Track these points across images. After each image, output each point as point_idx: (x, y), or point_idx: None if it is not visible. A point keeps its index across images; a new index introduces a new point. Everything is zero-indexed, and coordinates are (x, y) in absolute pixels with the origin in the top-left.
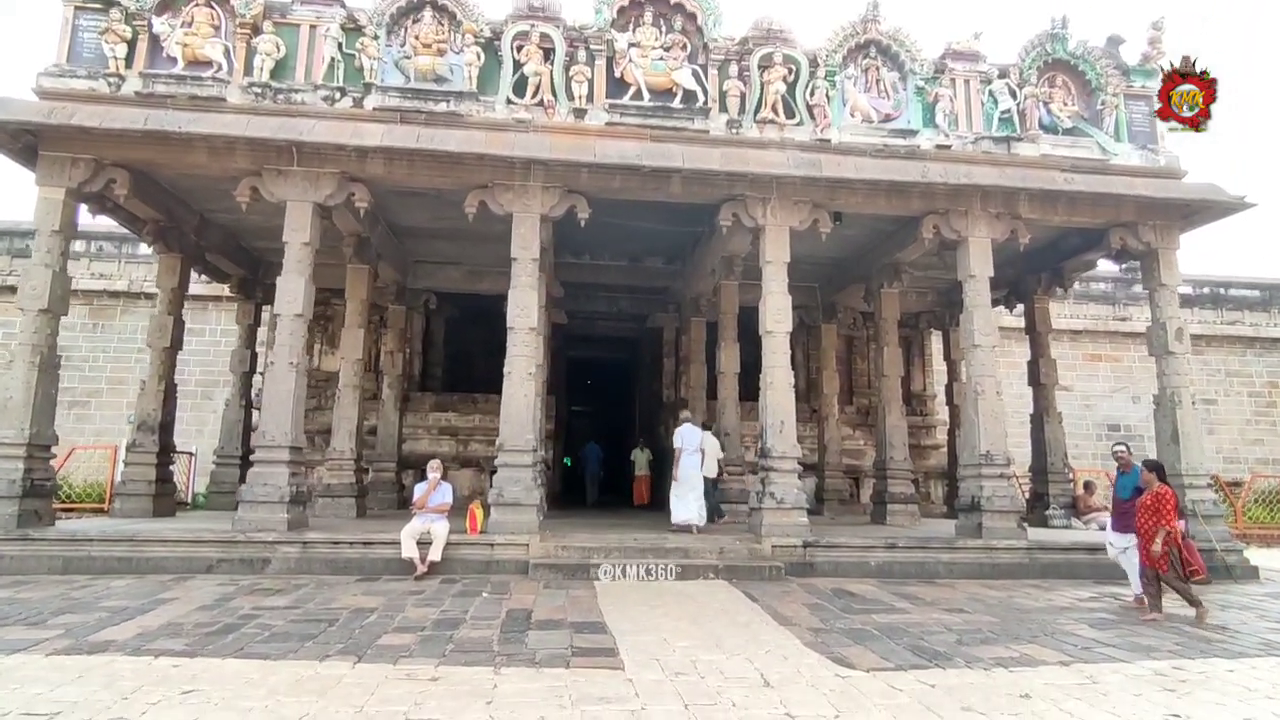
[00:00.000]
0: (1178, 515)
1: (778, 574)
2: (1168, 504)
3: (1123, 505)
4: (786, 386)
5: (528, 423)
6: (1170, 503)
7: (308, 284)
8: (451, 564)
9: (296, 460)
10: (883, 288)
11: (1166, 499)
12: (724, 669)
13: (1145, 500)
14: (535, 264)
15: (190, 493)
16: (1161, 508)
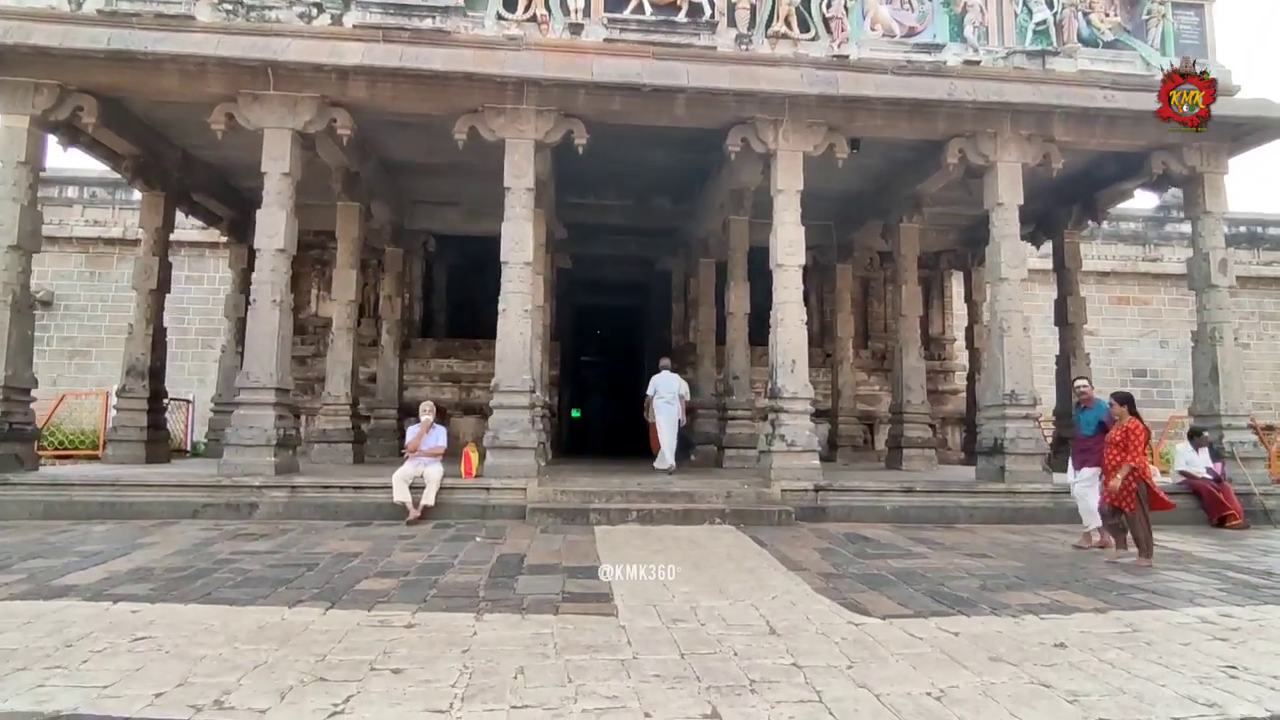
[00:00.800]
0: (1147, 451)
1: (787, 519)
2: (1137, 440)
3: (1084, 441)
4: (798, 323)
5: (524, 362)
6: (1140, 438)
7: (289, 217)
8: (446, 509)
9: (283, 403)
10: (902, 222)
11: (1136, 434)
12: (726, 616)
13: (1114, 435)
14: (530, 194)
15: (189, 441)
16: (1130, 443)
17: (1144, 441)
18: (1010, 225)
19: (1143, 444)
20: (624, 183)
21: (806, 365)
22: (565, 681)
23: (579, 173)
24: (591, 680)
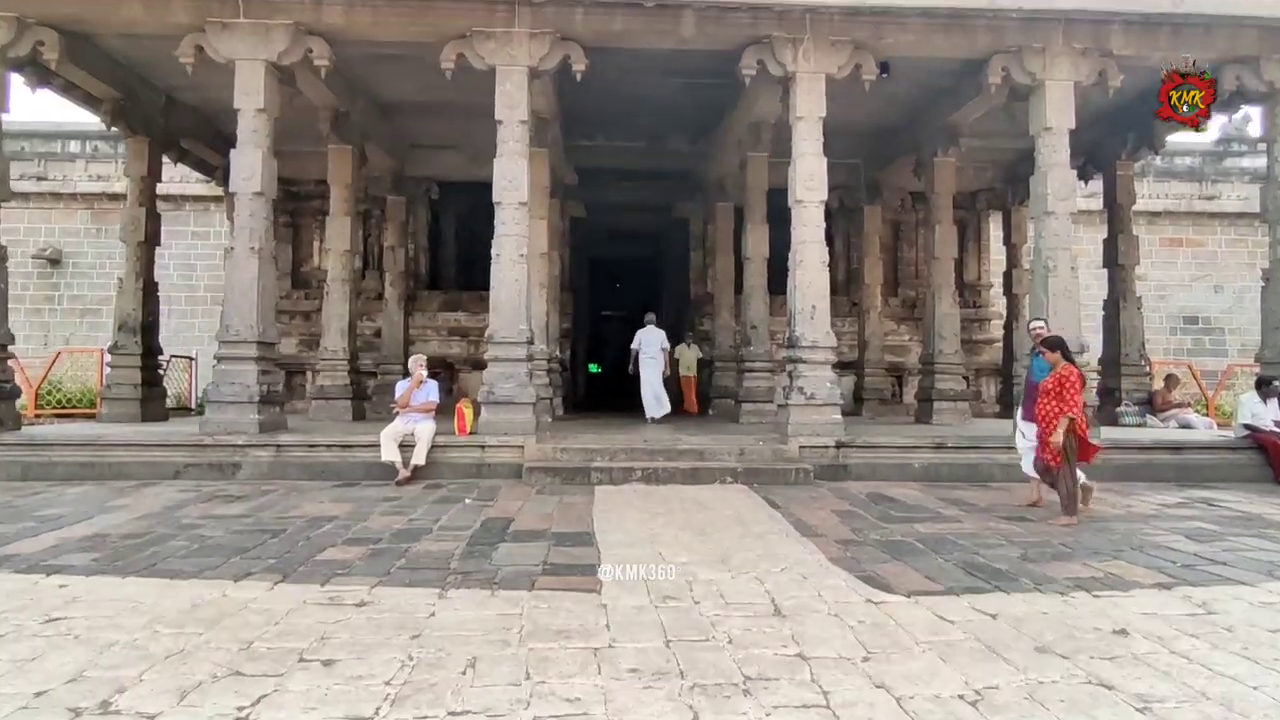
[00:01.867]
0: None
1: (805, 477)
2: (1072, 387)
3: (1036, 390)
4: (819, 265)
5: (519, 311)
6: (1076, 385)
7: (266, 157)
8: (439, 468)
9: (266, 357)
10: (936, 156)
11: (1070, 381)
12: (726, 592)
13: (1047, 383)
14: (524, 127)
15: (194, 399)
16: (1065, 391)
17: (1079, 389)
18: (1059, 152)
19: (1078, 392)
20: (635, 122)
21: (828, 311)
22: (522, 678)
23: (586, 111)
24: (554, 676)
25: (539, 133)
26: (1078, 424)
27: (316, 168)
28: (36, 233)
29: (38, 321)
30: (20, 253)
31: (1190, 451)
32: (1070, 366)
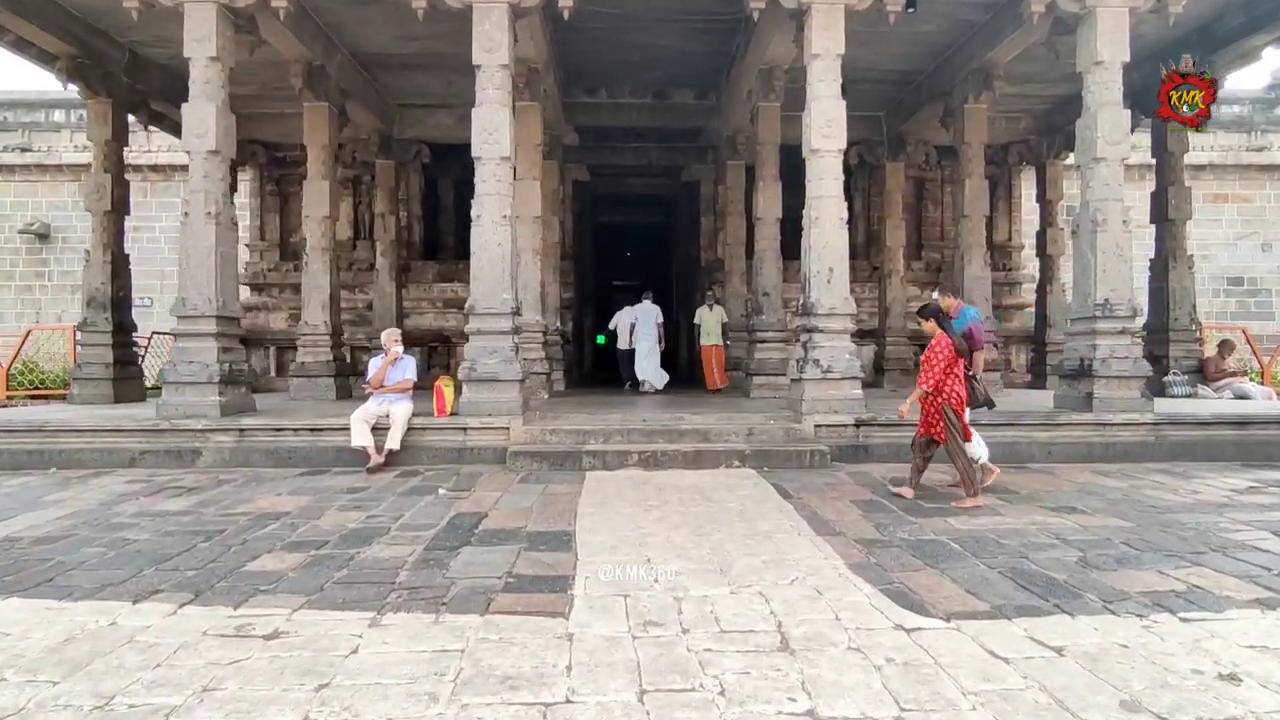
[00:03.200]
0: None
1: (822, 460)
2: (935, 358)
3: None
4: (836, 223)
5: (503, 277)
6: (940, 356)
7: (221, 112)
8: (416, 453)
9: (228, 333)
10: (967, 103)
11: (935, 352)
12: (723, 614)
13: (925, 355)
14: (505, 73)
15: None
16: (928, 362)
17: (941, 360)
18: (1111, 89)
19: (943, 363)
20: (640, 75)
21: (847, 274)
22: None
23: (585, 63)
24: None
25: (530, 84)
26: (945, 398)
27: (303, 131)
28: (23, 206)
29: (28, 299)
30: (8, 227)
31: (1255, 426)
32: (941, 336)
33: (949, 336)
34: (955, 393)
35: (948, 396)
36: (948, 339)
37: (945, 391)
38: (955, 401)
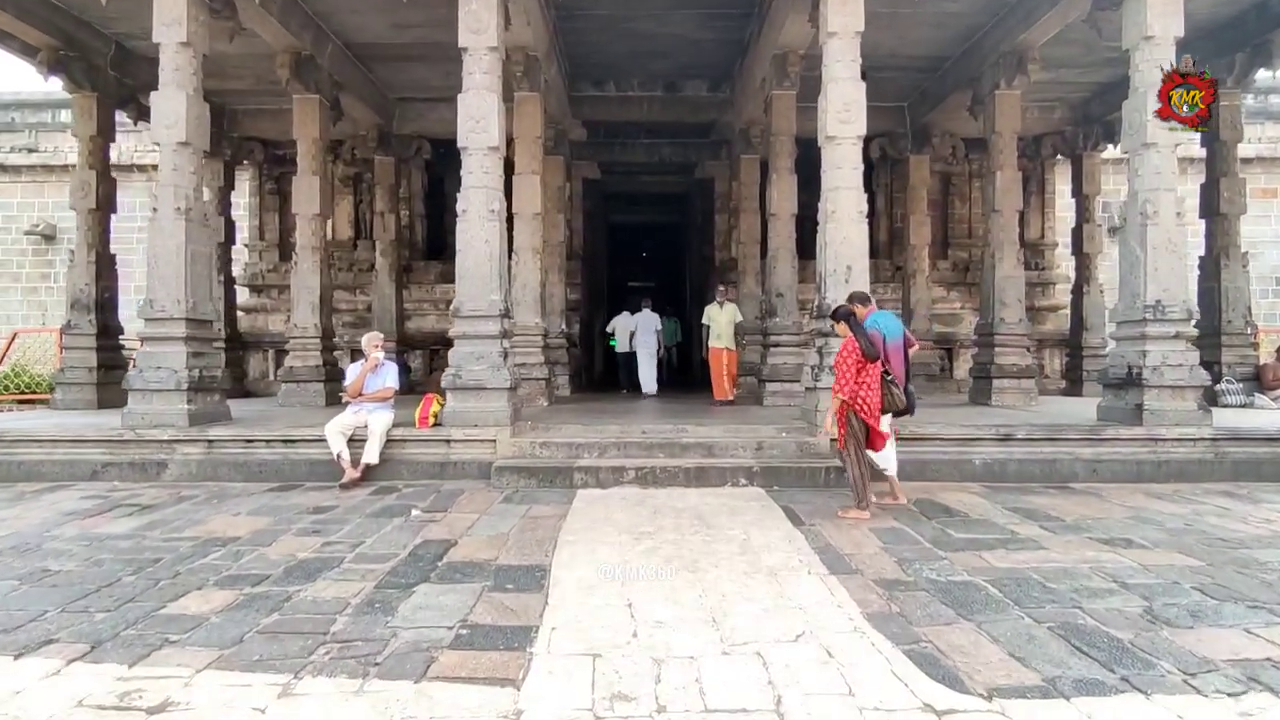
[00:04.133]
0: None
1: (838, 478)
2: (842, 363)
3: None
4: (855, 216)
5: (492, 277)
6: (846, 361)
7: (193, 100)
8: (396, 467)
9: (200, 336)
10: (999, 89)
11: (842, 357)
12: (711, 685)
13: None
14: (495, 56)
15: None
16: (838, 368)
17: (850, 365)
18: (1164, 67)
19: (849, 369)
20: (649, 66)
21: (867, 272)
22: None
23: (591, 53)
24: None
25: (529, 73)
26: (855, 404)
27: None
28: (30, 208)
29: (34, 300)
30: (14, 229)
31: None
32: (847, 339)
33: (856, 340)
34: (863, 399)
35: (855, 402)
36: (853, 342)
37: (854, 397)
38: (862, 407)
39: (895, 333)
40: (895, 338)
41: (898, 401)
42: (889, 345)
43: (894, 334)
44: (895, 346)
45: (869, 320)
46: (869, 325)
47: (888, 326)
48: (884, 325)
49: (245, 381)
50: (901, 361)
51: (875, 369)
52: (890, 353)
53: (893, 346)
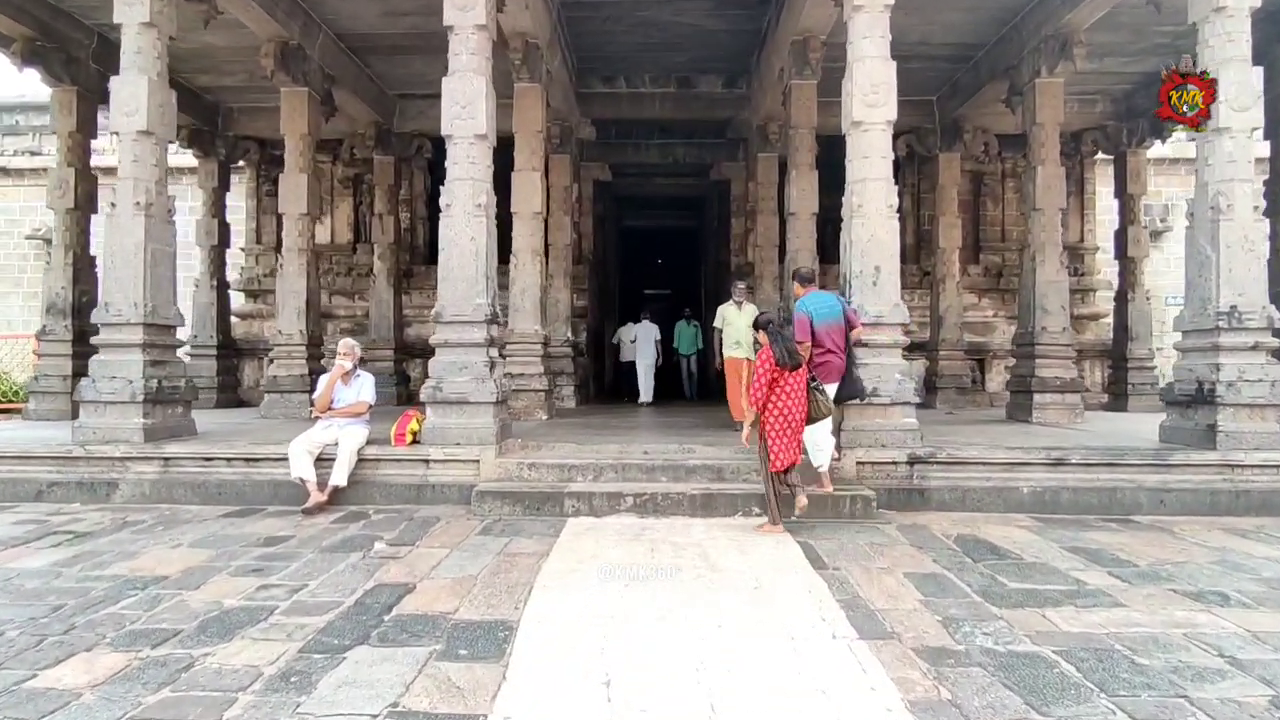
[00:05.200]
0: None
1: (865, 509)
2: (758, 375)
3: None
4: (884, 211)
5: (478, 279)
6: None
7: (155, 86)
8: (368, 489)
9: (160, 342)
10: (1040, 76)
11: (757, 369)
12: None
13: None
14: (483, 35)
15: None
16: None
17: (765, 375)
18: (1236, 43)
19: (764, 378)
20: (661, 60)
21: (897, 274)
22: None
23: (600, 47)
24: None
25: (528, 61)
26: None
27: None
28: (32, 211)
29: (35, 306)
30: (16, 233)
31: None
32: (765, 348)
33: (772, 349)
34: (781, 408)
35: (766, 416)
36: (768, 352)
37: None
38: (775, 420)
39: (826, 314)
40: (826, 319)
41: (824, 409)
42: (818, 328)
43: (824, 315)
44: (827, 329)
45: (799, 303)
46: (797, 309)
47: (816, 309)
48: (811, 307)
49: (239, 390)
50: (840, 344)
51: (796, 377)
52: (821, 335)
53: (823, 329)
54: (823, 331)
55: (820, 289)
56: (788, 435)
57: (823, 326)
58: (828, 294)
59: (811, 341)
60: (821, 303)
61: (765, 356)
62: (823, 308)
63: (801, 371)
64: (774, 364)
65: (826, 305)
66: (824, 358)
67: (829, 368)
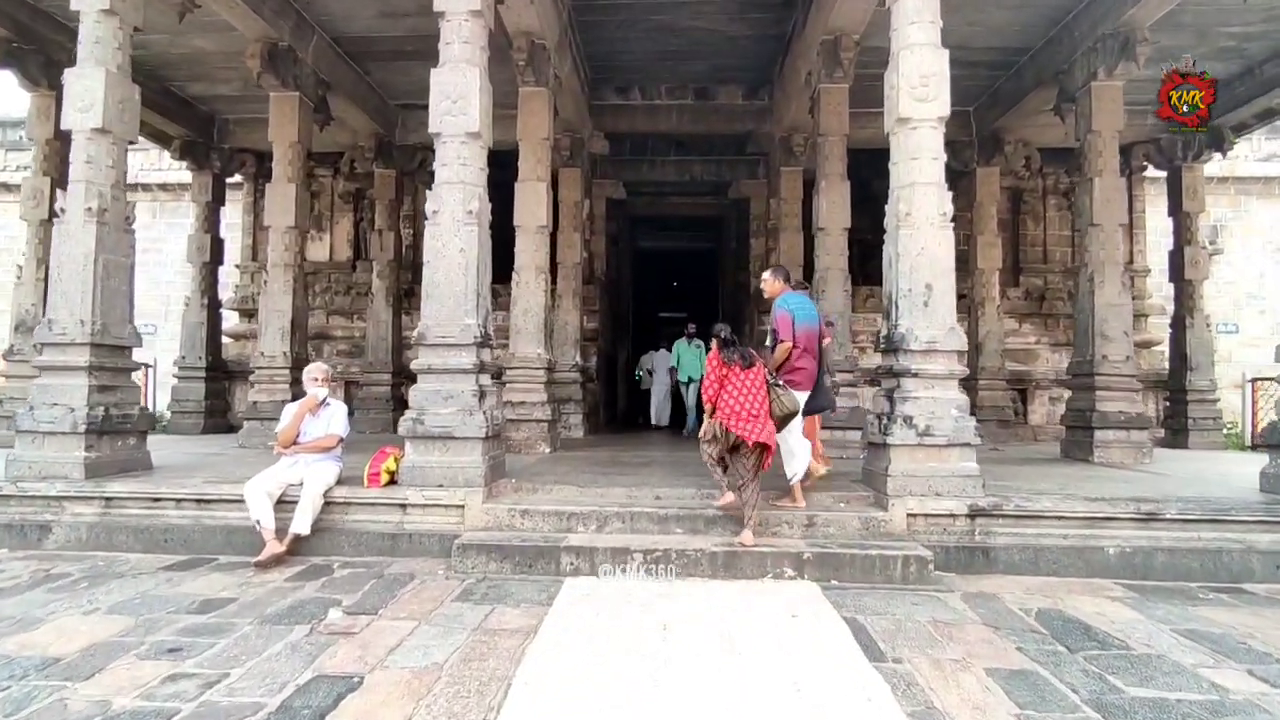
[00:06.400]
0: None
1: (921, 572)
2: (707, 373)
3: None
4: (937, 221)
5: (467, 296)
6: (709, 372)
7: (115, 80)
8: (335, 538)
9: (110, 365)
10: (1096, 79)
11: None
12: None
13: None
14: (478, 23)
15: None
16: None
17: (713, 376)
18: None
19: (713, 378)
20: (678, 69)
21: (952, 293)
22: None
23: (614, 54)
24: None
25: (534, 63)
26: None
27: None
28: None
29: None
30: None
31: None
32: (713, 351)
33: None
34: (731, 400)
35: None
36: (715, 352)
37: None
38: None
39: (807, 316)
40: (806, 321)
41: (786, 407)
42: (799, 329)
43: (805, 317)
44: (807, 331)
45: (781, 300)
46: (777, 306)
47: (799, 308)
48: (794, 305)
49: (229, 414)
50: (815, 350)
51: (750, 373)
52: (800, 336)
53: (803, 331)
54: (803, 334)
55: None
56: (750, 420)
57: (803, 328)
58: (805, 295)
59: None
60: (802, 304)
61: (711, 355)
62: (804, 309)
63: (756, 369)
64: (720, 361)
65: (807, 307)
66: (801, 361)
67: (805, 374)
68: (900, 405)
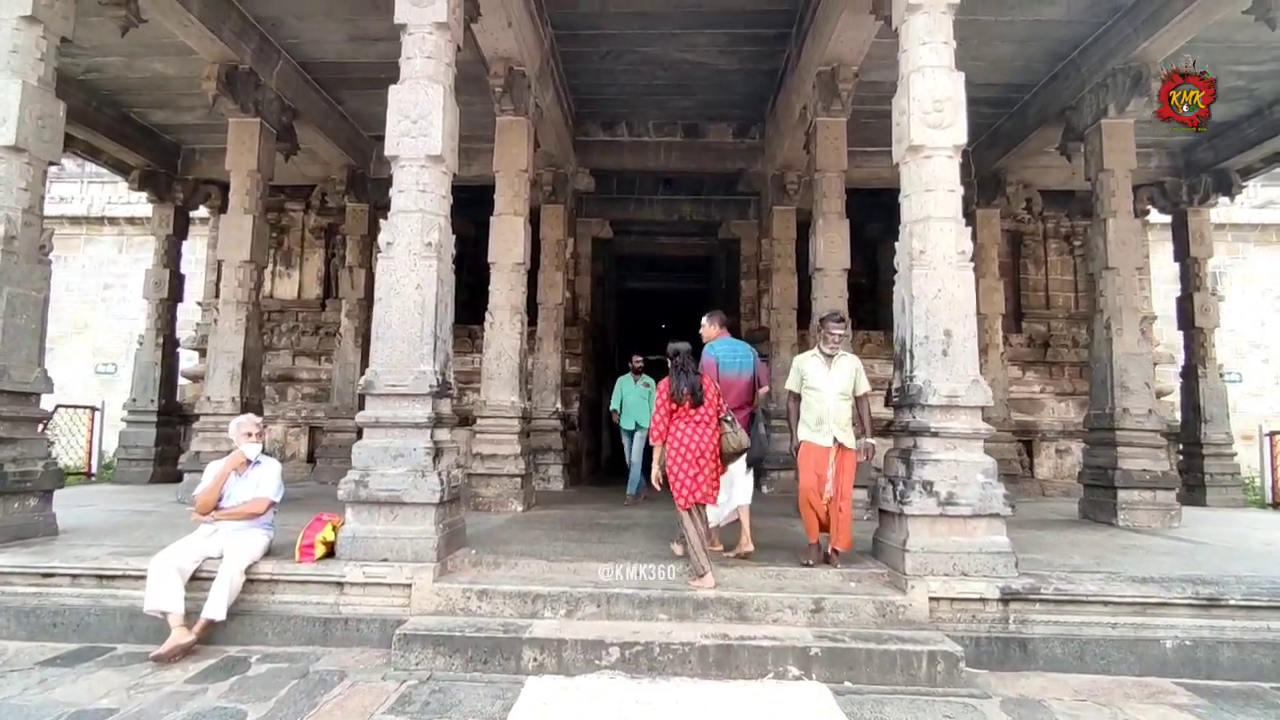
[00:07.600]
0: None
1: (950, 671)
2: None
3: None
4: (956, 260)
5: (422, 339)
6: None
7: (34, 92)
8: (257, 623)
9: (8, 415)
10: (1106, 116)
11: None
12: None
13: None
14: (443, 36)
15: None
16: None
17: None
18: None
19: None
20: (667, 105)
21: (974, 339)
22: None
23: (599, 88)
24: None
25: (512, 89)
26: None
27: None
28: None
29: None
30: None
31: None
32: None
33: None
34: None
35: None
36: (664, 383)
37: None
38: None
39: (733, 364)
40: (730, 370)
41: (734, 444)
42: (722, 376)
43: (730, 364)
44: (730, 380)
45: (709, 347)
46: (706, 353)
47: (724, 355)
48: (721, 352)
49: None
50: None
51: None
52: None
53: (726, 379)
54: (725, 382)
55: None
56: (692, 468)
57: (726, 376)
58: (741, 344)
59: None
60: (732, 351)
61: (660, 387)
62: (731, 357)
63: (708, 404)
64: (668, 395)
65: (738, 356)
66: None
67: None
68: (918, 469)
